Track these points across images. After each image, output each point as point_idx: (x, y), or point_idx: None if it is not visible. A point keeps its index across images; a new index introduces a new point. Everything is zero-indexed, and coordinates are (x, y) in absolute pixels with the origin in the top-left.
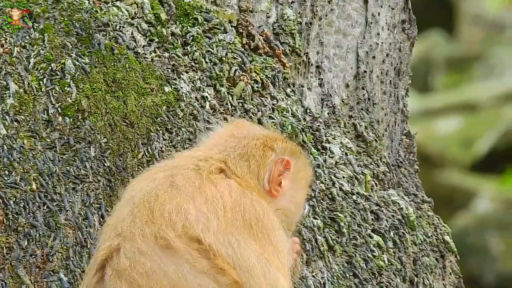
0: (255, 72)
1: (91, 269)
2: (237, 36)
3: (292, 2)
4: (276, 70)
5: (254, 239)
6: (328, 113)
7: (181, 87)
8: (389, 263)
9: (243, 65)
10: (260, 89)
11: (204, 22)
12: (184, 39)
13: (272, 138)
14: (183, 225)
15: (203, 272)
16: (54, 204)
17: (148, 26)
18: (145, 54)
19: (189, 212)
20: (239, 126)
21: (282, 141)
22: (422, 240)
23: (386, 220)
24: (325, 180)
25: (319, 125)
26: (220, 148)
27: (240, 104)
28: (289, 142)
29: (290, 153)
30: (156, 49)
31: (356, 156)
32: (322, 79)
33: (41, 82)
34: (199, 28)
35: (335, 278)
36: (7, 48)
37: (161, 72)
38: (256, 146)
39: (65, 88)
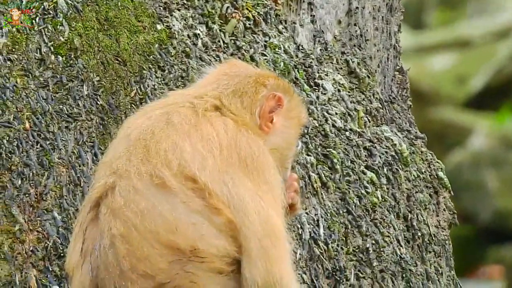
0: (247, 9)
1: (86, 207)
2: None
3: None
4: (268, 7)
5: (248, 177)
6: (320, 50)
7: (173, 25)
8: (383, 200)
9: (235, 2)
10: (252, 26)
11: None
12: None
13: (264, 75)
14: (179, 164)
15: (197, 212)
16: (47, 142)
17: None
18: None
19: (185, 150)
20: (232, 65)
21: (275, 78)
22: (416, 176)
23: (380, 156)
24: (318, 117)
25: (311, 62)
26: (214, 86)
27: (232, 41)
28: (283, 80)
29: (283, 91)
30: None
31: (349, 92)
32: (314, 15)
33: (33, 21)
34: None
35: (328, 215)
36: None
37: (153, 10)
38: (248, 83)
39: (58, 26)
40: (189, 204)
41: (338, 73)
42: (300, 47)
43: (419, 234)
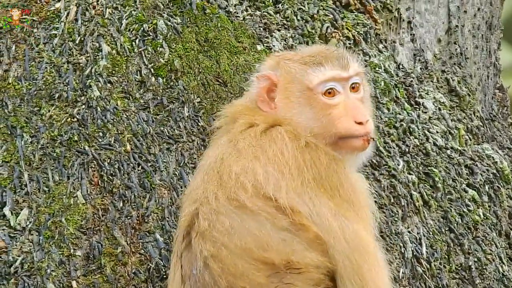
0: (347, 28)
1: (179, 236)
2: None
3: None
4: (368, 26)
5: (326, 195)
6: (420, 68)
7: (274, 45)
8: (485, 217)
9: (334, 22)
10: (352, 46)
11: None
12: None
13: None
14: (253, 185)
15: (284, 228)
16: (149, 164)
17: None
18: (237, 13)
19: (256, 172)
20: None
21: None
22: None
23: (481, 174)
24: (419, 135)
25: (412, 81)
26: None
27: None
28: (270, 55)
29: (271, 67)
30: (248, 8)
31: (450, 110)
32: (414, 34)
33: (133, 43)
34: None
35: (430, 233)
36: (99, 9)
37: (253, 31)
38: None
39: (158, 48)
40: (274, 222)
41: (439, 92)
42: (401, 66)
43: None
